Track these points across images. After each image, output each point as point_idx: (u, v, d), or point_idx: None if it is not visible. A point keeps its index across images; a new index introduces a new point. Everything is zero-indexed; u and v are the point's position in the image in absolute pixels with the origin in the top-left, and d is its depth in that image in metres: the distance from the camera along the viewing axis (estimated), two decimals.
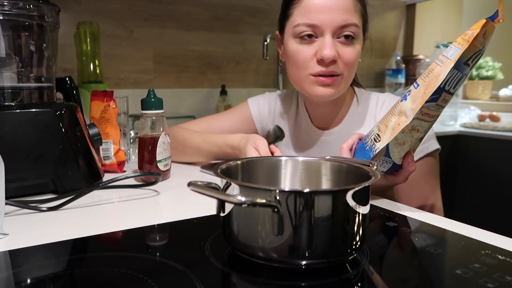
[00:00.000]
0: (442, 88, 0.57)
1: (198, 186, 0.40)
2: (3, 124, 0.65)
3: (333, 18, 0.75)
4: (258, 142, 0.79)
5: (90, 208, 0.64)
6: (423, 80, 0.59)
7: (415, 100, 0.59)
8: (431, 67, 0.58)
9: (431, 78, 0.57)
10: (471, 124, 1.96)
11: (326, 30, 0.76)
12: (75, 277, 0.41)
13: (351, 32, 0.77)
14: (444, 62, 0.57)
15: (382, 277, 0.42)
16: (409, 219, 0.58)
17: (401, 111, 0.61)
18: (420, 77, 0.60)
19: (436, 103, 0.58)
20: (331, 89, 0.80)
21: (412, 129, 0.60)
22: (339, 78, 0.80)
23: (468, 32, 0.56)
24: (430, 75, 0.58)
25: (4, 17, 0.68)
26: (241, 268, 0.42)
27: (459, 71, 0.56)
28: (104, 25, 1.48)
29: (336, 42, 0.78)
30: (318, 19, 0.76)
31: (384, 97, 0.89)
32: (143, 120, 0.80)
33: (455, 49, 0.56)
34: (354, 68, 0.82)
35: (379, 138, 0.63)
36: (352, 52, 0.79)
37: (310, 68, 0.79)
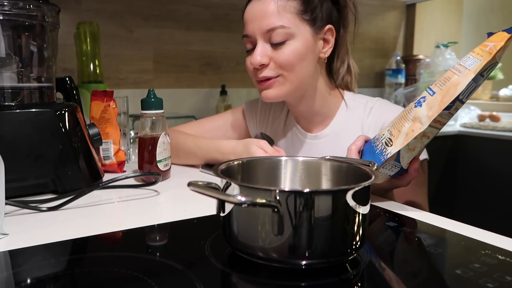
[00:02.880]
0: (457, 98, 0.57)
1: (198, 186, 0.40)
2: (3, 124, 0.65)
3: (258, 25, 0.80)
4: (262, 142, 0.81)
5: (90, 208, 0.64)
6: (439, 88, 0.59)
7: (431, 107, 0.59)
8: (448, 75, 0.59)
9: (449, 86, 0.58)
10: (471, 124, 1.96)
11: (257, 38, 0.81)
12: (75, 277, 0.41)
13: (277, 34, 0.79)
14: (462, 72, 0.58)
15: (382, 277, 0.42)
16: (409, 219, 0.58)
17: (415, 117, 0.61)
18: (435, 84, 0.60)
19: (449, 111, 0.59)
20: (272, 91, 0.83)
21: (424, 135, 0.61)
22: (279, 79, 0.82)
23: (489, 44, 0.56)
24: (447, 83, 0.58)
25: (4, 17, 0.68)
26: (241, 268, 0.42)
27: (475, 82, 0.57)
28: (104, 25, 1.48)
29: (268, 47, 0.81)
30: (248, 29, 0.82)
31: (373, 102, 0.89)
32: (143, 120, 0.80)
33: (474, 59, 0.57)
34: (295, 67, 0.81)
35: (391, 142, 0.63)
36: (285, 52, 0.79)
37: (253, 75, 0.85)
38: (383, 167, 0.65)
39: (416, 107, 0.61)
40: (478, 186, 1.83)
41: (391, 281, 0.41)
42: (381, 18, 2.38)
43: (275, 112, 1.01)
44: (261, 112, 1.02)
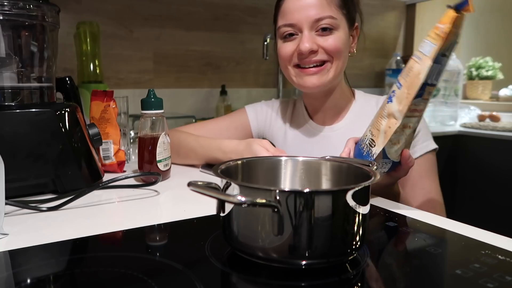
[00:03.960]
0: (425, 84, 0.58)
1: (198, 186, 0.40)
2: (3, 124, 0.65)
3: (307, 14, 0.82)
4: (264, 142, 0.81)
5: (90, 208, 0.64)
6: (404, 80, 0.60)
7: (400, 101, 0.60)
8: (410, 65, 0.60)
9: (412, 77, 0.58)
10: (471, 124, 1.96)
11: (303, 26, 0.83)
12: (75, 277, 0.41)
13: (326, 24, 0.82)
14: (421, 58, 0.58)
15: (382, 277, 0.42)
16: (409, 219, 0.58)
17: (389, 113, 0.62)
18: (401, 76, 0.61)
19: (422, 97, 0.59)
20: (319, 77, 0.85)
21: (404, 127, 0.61)
22: (327, 65, 0.85)
23: (440, 26, 0.57)
24: (410, 73, 0.59)
25: (4, 17, 0.68)
26: (241, 268, 0.42)
27: (438, 64, 0.58)
28: (104, 25, 1.48)
29: (315, 35, 0.84)
30: (294, 18, 0.84)
31: (384, 98, 0.91)
32: (143, 120, 0.80)
33: (430, 44, 0.58)
34: (341, 56, 0.85)
35: (373, 143, 0.64)
36: (333, 40, 0.83)
37: (292, 61, 0.86)
38: (375, 166, 0.65)
39: (388, 103, 0.62)
40: (479, 186, 1.83)
41: (391, 281, 0.41)
42: (381, 18, 2.38)
43: (278, 113, 1.02)
44: (264, 114, 1.03)
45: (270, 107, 1.04)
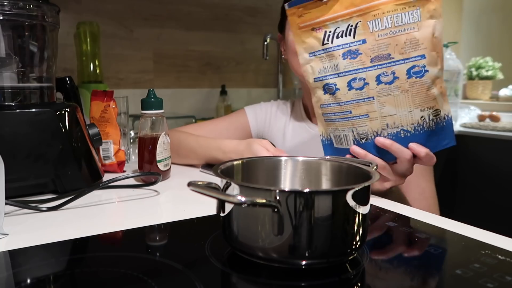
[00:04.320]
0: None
1: (198, 186, 0.40)
2: (3, 124, 0.65)
3: None
4: (264, 142, 0.81)
5: (90, 208, 0.64)
6: (420, 48, 0.64)
7: (435, 63, 0.64)
8: (407, 38, 0.64)
9: (428, 40, 0.62)
10: (471, 124, 1.96)
11: None
12: (75, 277, 0.41)
13: None
14: (415, 26, 0.63)
15: (382, 277, 0.42)
16: (409, 219, 0.58)
17: (432, 79, 0.64)
18: (404, 50, 0.65)
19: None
20: None
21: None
22: None
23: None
24: (420, 40, 0.63)
25: (4, 17, 0.68)
26: (241, 268, 0.42)
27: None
28: (104, 25, 1.48)
29: None
30: None
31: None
32: (143, 120, 0.80)
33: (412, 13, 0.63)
34: None
35: (438, 111, 0.66)
36: None
37: None
38: None
39: (422, 76, 0.64)
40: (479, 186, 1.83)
41: (391, 281, 0.41)
42: None
43: (277, 114, 1.03)
44: (264, 114, 1.04)
45: (269, 108, 1.04)
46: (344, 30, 0.65)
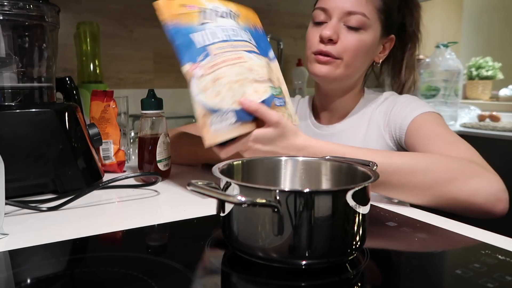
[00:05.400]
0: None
1: (198, 186, 0.40)
2: (3, 124, 0.65)
3: (341, 4, 0.81)
4: None
5: (90, 208, 0.64)
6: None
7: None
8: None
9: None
10: (471, 124, 1.96)
11: (333, 14, 0.82)
12: (75, 277, 0.41)
13: (356, 20, 0.81)
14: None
15: (382, 277, 0.42)
16: (409, 219, 0.58)
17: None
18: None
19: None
20: (327, 68, 0.83)
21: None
22: (338, 61, 0.83)
23: None
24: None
25: (4, 17, 0.68)
26: (241, 268, 0.42)
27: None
28: (104, 25, 1.48)
29: (342, 27, 0.82)
30: (328, 3, 0.83)
31: (388, 94, 0.92)
32: (143, 120, 0.80)
33: None
34: (356, 56, 0.83)
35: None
36: (354, 38, 0.82)
37: (313, 46, 0.85)
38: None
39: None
40: None
41: (391, 281, 0.41)
42: None
43: None
44: None
45: None
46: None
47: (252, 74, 0.68)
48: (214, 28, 0.68)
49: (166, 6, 0.67)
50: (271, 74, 0.73)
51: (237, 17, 0.73)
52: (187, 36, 0.67)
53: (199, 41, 0.67)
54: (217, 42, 0.67)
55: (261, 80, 0.70)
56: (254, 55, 0.71)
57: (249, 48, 0.71)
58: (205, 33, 0.67)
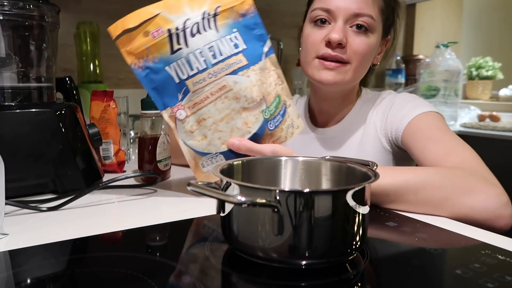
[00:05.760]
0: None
1: (198, 186, 0.40)
2: (3, 124, 0.65)
3: (348, 5, 0.77)
4: None
5: (90, 208, 0.64)
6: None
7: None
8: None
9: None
10: (471, 124, 1.96)
11: (339, 16, 0.77)
12: (75, 277, 0.41)
13: (364, 22, 0.77)
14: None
15: (382, 277, 0.42)
16: (409, 219, 0.58)
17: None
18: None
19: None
20: (334, 75, 0.79)
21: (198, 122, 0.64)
22: (347, 66, 0.79)
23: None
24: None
25: (4, 17, 0.68)
26: (241, 268, 0.42)
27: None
28: (104, 25, 1.47)
29: (348, 30, 0.78)
30: (333, 4, 0.78)
31: (385, 94, 0.89)
32: (143, 120, 0.80)
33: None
34: (364, 60, 0.80)
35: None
36: (363, 41, 0.78)
37: (317, 50, 0.79)
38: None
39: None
40: None
41: (391, 281, 0.41)
42: None
43: None
44: None
45: None
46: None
47: (239, 102, 0.63)
48: (188, 56, 0.61)
49: (127, 40, 0.60)
50: (264, 84, 0.67)
51: (216, 16, 0.63)
52: (163, 71, 0.61)
53: (175, 75, 0.61)
54: (194, 74, 0.61)
55: (250, 107, 0.64)
56: (240, 73, 0.64)
57: (233, 66, 0.63)
58: (180, 63, 0.61)
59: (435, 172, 0.64)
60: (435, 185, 0.61)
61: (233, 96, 0.63)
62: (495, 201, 0.59)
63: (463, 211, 0.59)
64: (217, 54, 0.62)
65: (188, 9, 0.61)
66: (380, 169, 0.62)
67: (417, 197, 0.61)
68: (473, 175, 0.63)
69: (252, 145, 0.64)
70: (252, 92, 0.64)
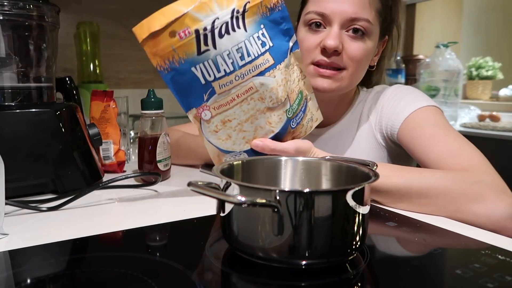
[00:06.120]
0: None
1: (198, 186, 0.40)
2: (3, 124, 0.65)
3: (344, 9, 0.74)
4: None
5: (90, 208, 0.64)
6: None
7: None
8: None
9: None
10: (471, 124, 1.96)
11: (334, 20, 0.74)
12: (75, 277, 0.41)
13: (360, 26, 0.75)
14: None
15: (382, 277, 0.42)
16: (409, 219, 0.58)
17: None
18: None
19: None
20: (330, 82, 0.77)
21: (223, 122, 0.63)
22: (343, 73, 0.77)
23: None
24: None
25: (4, 17, 0.68)
26: (241, 268, 0.42)
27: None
28: (104, 25, 1.48)
29: (344, 35, 0.75)
30: (328, 7, 0.75)
31: (379, 88, 0.88)
32: (143, 120, 0.80)
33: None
34: (361, 66, 0.78)
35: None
36: (360, 47, 0.76)
37: (312, 57, 0.77)
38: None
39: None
40: None
41: (391, 281, 0.41)
42: None
43: None
44: None
45: None
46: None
47: (263, 103, 0.62)
48: (216, 57, 0.58)
49: (152, 42, 0.57)
50: (288, 82, 0.65)
51: (245, 13, 0.59)
52: (189, 72, 0.58)
53: (201, 76, 0.59)
54: (221, 77, 0.59)
55: (274, 107, 0.63)
56: (267, 73, 0.62)
57: (260, 67, 0.61)
58: (207, 64, 0.58)
59: (442, 175, 0.62)
60: (440, 188, 0.60)
61: (258, 97, 0.62)
62: (501, 212, 0.57)
63: (467, 218, 0.58)
64: (245, 56, 0.59)
65: (217, 7, 0.57)
66: (385, 168, 0.63)
67: (421, 199, 0.60)
68: (482, 182, 0.60)
69: (275, 145, 0.64)
70: (278, 93, 0.63)
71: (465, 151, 0.68)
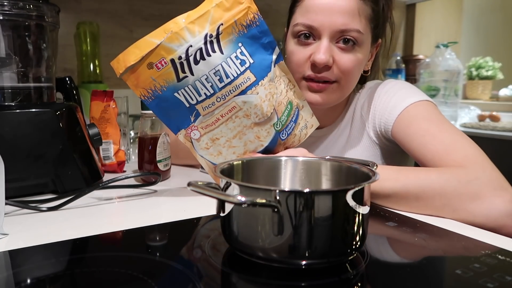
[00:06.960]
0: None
1: (198, 186, 0.40)
2: (3, 124, 0.65)
3: (332, 21, 0.71)
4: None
5: (90, 208, 0.64)
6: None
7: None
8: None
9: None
10: (471, 124, 1.96)
11: (323, 33, 0.72)
12: (75, 277, 0.41)
13: (351, 37, 0.72)
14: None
15: (382, 277, 0.42)
16: (409, 219, 0.58)
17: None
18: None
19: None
20: (322, 96, 0.76)
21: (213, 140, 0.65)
22: (334, 85, 0.75)
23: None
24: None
25: (4, 17, 0.68)
26: (241, 268, 0.42)
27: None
28: (104, 25, 1.48)
29: (334, 47, 0.73)
30: (316, 20, 0.72)
31: (372, 83, 0.86)
32: (143, 120, 0.80)
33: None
34: (353, 77, 0.77)
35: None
36: (350, 59, 0.73)
37: (303, 72, 0.76)
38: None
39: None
40: None
41: (391, 282, 0.41)
42: None
43: None
44: None
45: None
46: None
47: (249, 119, 0.63)
48: (194, 83, 0.59)
49: (132, 75, 0.58)
50: (274, 95, 0.65)
51: (219, 35, 0.59)
52: (172, 97, 0.60)
53: (185, 100, 0.60)
54: (203, 100, 0.60)
55: (261, 122, 0.64)
56: (249, 91, 0.61)
57: (241, 87, 0.61)
58: (188, 89, 0.59)
59: (437, 176, 0.61)
60: (436, 190, 0.59)
61: (243, 114, 0.63)
62: (499, 210, 0.56)
63: (464, 218, 0.58)
64: (223, 78, 0.59)
65: (189, 35, 0.58)
66: (382, 171, 0.62)
67: (418, 202, 0.60)
68: (478, 179, 0.59)
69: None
70: (263, 108, 0.63)
71: (460, 146, 0.66)
